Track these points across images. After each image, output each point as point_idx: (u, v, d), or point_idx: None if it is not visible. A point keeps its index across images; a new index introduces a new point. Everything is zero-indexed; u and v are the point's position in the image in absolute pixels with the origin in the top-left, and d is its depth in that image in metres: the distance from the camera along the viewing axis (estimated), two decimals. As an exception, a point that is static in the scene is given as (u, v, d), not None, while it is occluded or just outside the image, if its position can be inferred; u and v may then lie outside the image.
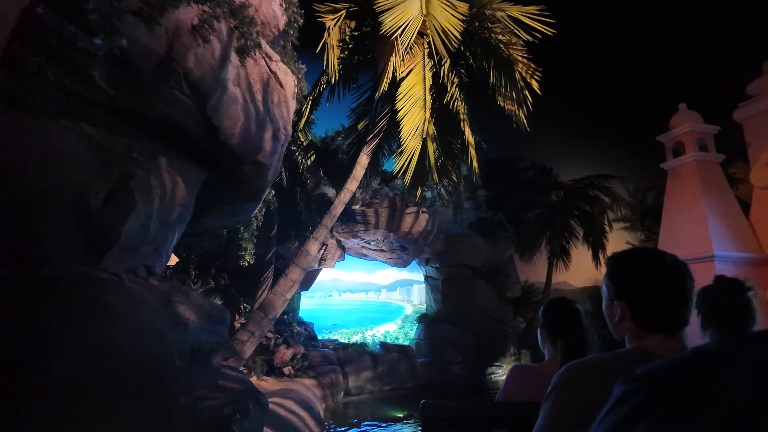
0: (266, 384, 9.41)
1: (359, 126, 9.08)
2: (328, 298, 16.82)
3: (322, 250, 13.71)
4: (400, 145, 7.30)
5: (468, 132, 7.62)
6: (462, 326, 14.18)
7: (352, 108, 9.27)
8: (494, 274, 16.31)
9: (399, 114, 7.13)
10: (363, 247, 14.35)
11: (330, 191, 13.48)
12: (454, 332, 14.16)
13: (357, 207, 13.33)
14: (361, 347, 12.61)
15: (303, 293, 15.02)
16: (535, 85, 7.47)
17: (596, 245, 17.26)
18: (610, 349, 1.12)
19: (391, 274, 18.98)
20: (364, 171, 7.91)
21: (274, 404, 7.42)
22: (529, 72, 7.46)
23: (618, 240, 19.29)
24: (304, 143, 9.30)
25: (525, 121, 8.04)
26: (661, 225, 11.36)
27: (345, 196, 7.65)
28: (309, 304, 15.92)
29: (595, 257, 17.03)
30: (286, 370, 10.13)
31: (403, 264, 15.13)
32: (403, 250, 14.14)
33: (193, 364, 3.85)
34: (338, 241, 13.93)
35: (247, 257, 6.54)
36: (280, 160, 3.93)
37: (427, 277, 15.99)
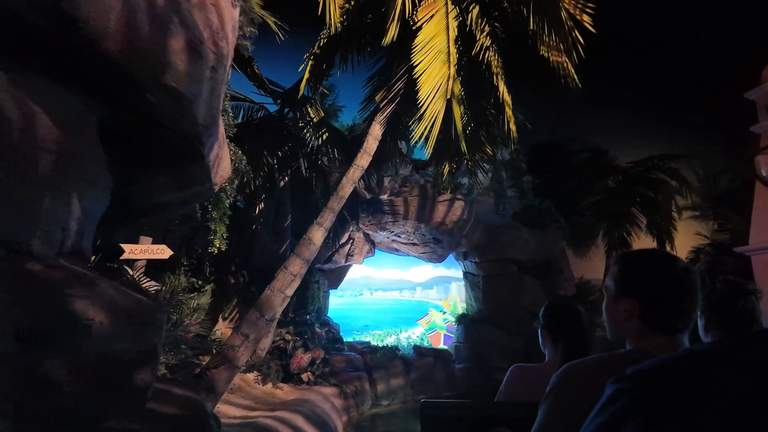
0: (280, 392, 8.43)
1: (376, 97, 7.84)
2: (358, 297, 15.72)
3: (349, 245, 12.61)
4: (419, 110, 5.99)
5: (503, 88, 6.18)
6: (507, 328, 12.60)
7: (368, 77, 8.06)
8: (543, 269, 14.62)
9: (417, 69, 5.84)
10: (393, 240, 13.10)
11: (360, 183, 12.38)
12: (497, 335, 12.62)
13: (384, 197, 12.13)
14: (391, 351, 11.35)
15: (332, 292, 14.00)
16: (586, 20, 5.92)
17: (662, 235, 15.03)
18: (611, 351, 1.11)
19: (426, 270, 17.63)
20: (377, 144, 6.65)
21: (277, 420, 6.36)
22: (579, 5, 5.92)
23: (687, 230, 16.94)
24: (315, 119, 8.18)
25: (575, 75, 6.49)
26: (755, 203, 9.25)
27: (354, 173, 6.43)
28: (338, 304, 14.88)
29: (661, 248, 14.74)
30: (304, 376, 9.10)
31: (438, 259, 13.72)
32: (437, 243, 12.75)
33: (102, 382, 2.74)
34: (366, 235, 12.78)
35: (217, 242, 5.41)
36: (217, 96, 2.78)
37: (466, 274, 14.49)
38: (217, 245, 5.26)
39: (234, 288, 10.51)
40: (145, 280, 5.19)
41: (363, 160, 6.48)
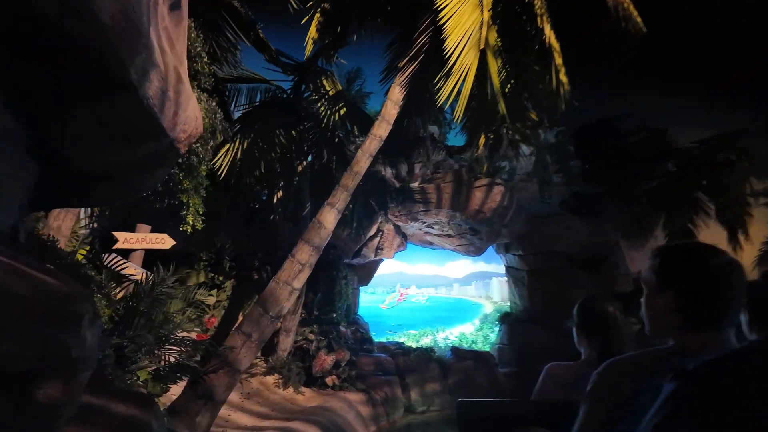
0: (301, 398, 7.63)
1: (400, 65, 6.83)
2: (390, 294, 14.70)
3: (378, 238, 11.69)
4: (446, 62, 4.95)
5: (549, 32, 5.02)
6: (556, 328, 11.23)
7: (388, 43, 7.06)
8: (596, 263, 13.11)
9: (443, 13, 4.83)
10: (426, 233, 12.06)
11: (387, 171, 11.46)
12: (545, 336, 11.30)
13: (415, 184, 11.12)
14: (426, 353, 10.30)
15: (362, 289, 13.13)
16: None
17: (734, 224, 13.05)
18: (649, 347, 1.09)
19: (464, 265, 16.48)
20: (397, 110, 5.66)
21: (288, 433, 5.51)
22: None
23: (762, 218, 14.81)
24: (331, 92, 7.29)
25: (637, 16, 5.28)
26: None
27: (371, 144, 5.47)
28: (369, 301, 14.00)
29: (733, 238, 12.80)
30: (328, 380, 8.25)
31: (476, 252, 12.52)
32: (474, 234, 11.58)
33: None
34: (396, 227, 11.81)
35: (190, 219, 4.47)
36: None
37: (508, 268, 13.20)
38: (191, 222, 4.37)
39: (256, 284, 9.86)
40: (126, 268, 4.48)
41: (381, 129, 5.51)
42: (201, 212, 4.30)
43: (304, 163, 8.46)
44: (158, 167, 3.17)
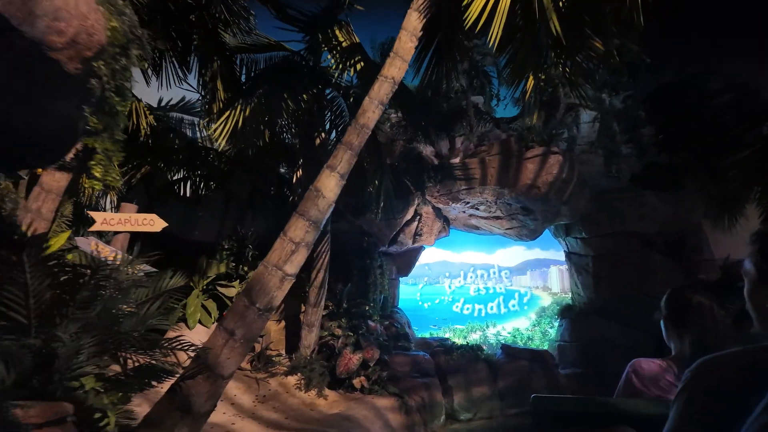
0: (323, 403, 6.66)
1: None
2: (434, 285, 13.44)
3: (416, 222, 10.46)
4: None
5: None
6: (628, 322, 9.52)
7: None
8: (674, 246, 11.17)
9: None
10: (471, 215, 10.66)
11: (426, 148, 10.22)
12: (616, 331, 9.67)
13: (456, 160, 9.78)
14: (472, 351, 8.98)
15: (402, 280, 11.97)
16: None
17: None
18: (756, 343, 0.89)
19: (516, 252, 14.79)
20: (414, 43, 4.41)
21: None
22: None
23: None
24: (345, 43, 6.15)
25: None
26: None
27: (381, 88, 4.27)
28: (410, 293, 12.86)
29: None
30: (356, 382, 7.23)
31: (530, 236, 10.91)
32: (526, 215, 10.03)
33: None
34: (436, 210, 10.52)
35: (99, 172, 3.23)
36: None
37: (569, 254, 11.48)
38: (100, 176, 3.25)
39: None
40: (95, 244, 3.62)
41: (393, 68, 4.29)
42: (117, 163, 3.25)
43: (323, 135, 7.44)
44: (45, 95, 2.21)
